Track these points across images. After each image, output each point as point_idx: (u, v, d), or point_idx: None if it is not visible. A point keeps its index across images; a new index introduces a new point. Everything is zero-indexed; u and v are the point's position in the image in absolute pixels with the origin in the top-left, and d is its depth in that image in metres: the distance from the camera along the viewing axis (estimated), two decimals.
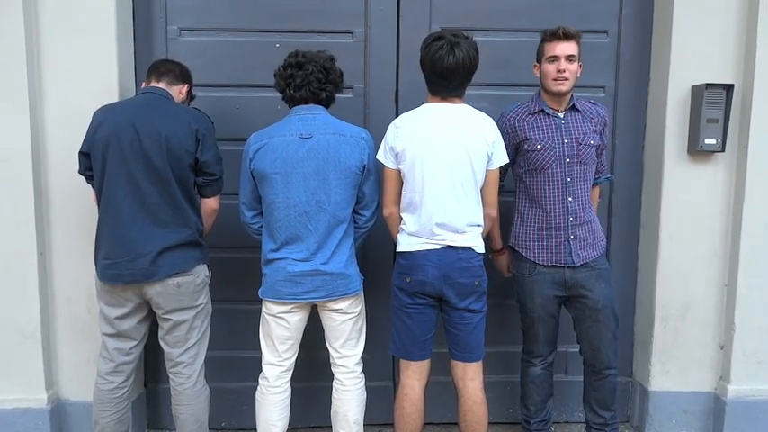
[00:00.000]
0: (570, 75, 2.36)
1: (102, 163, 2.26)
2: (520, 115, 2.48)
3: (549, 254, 2.48)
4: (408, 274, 2.32)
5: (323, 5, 2.86)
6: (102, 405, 2.40)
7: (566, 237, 2.45)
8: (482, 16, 2.89)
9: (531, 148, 2.43)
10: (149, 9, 2.83)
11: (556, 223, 2.45)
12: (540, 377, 2.65)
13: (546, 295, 2.51)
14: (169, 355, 2.42)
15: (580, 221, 2.46)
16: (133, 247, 2.25)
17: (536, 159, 2.43)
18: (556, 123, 2.43)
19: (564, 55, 2.35)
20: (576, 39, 2.37)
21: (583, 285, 2.48)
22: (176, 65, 2.48)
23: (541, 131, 2.43)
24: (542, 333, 2.57)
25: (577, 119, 2.46)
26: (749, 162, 2.77)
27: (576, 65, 2.38)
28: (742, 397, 2.87)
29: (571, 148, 2.42)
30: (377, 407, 2.94)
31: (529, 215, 2.51)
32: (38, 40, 2.63)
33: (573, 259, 2.46)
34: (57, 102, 2.67)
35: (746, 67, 2.78)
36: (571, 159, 2.42)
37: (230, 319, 2.93)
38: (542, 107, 2.45)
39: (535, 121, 2.45)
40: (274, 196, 2.28)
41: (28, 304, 2.68)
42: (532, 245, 2.50)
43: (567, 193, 2.43)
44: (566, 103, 2.45)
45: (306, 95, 2.30)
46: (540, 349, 2.61)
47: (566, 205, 2.44)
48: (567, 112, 2.46)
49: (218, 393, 2.71)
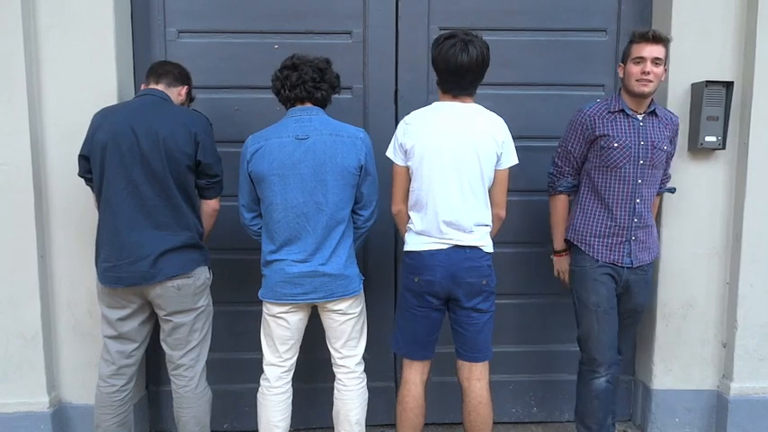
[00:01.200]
0: (654, 77, 2.34)
1: (102, 165, 2.26)
2: (600, 112, 2.45)
3: (609, 251, 2.46)
4: (416, 274, 2.31)
5: (321, 6, 2.86)
6: (103, 408, 2.40)
7: (627, 237, 2.45)
8: (480, 16, 2.89)
9: (607, 145, 2.41)
10: (148, 11, 2.83)
11: (620, 222, 2.44)
12: (606, 392, 2.51)
13: (609, 288, 2.47)
14: (170, 358, 2.42)
15: (643, 224, 2.45)
16: (133, 249, 2.25)
17: (610, 157, 2.41)
18: (634, 125, 2.41)
19: (651, 57, 2.32)
20: (665, 43, 2.35)
21: (632, 289, 2.50)
22: (175, 66, 2.48)
23: (619, 130, 2.41)
24: (608, 332, 2.47)
25: (655, 123, 2.44)
26: (750, 159, 2.77)
27: (661, 68, 2.36)
28: (745, 395, 2.87)
29: (646, 151, 2.40)
30: (379, 407, 2.94)
31: (593, 212, 2.49)
32: (36, 43, 2.63)
33: (631, 260, 2.45)
34: (56, 105, 2.67)
35: (746, 63, 2.77)
36: (644, 162, 2.40)
37: (232, 321, 2.93)
38: (623, 107, 2.43)
39: (614, 120, 2.42)
40: (272, 197, 2.28)
41: (29, 307, 2.68)
42: (593, 240, 2.48)
43: (636, 194, 2.42)
44: (645, 105, 2.43)
45: (301, 95, 2.30)
46: (605, 355, 2.47)
47: (633, 206, 2.43)
48: (645, 115, 2.44)
49: (220, 395, 2.71)
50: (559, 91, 2.95)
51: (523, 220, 2.99)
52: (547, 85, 2.95)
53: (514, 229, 2.97)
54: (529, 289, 3.05)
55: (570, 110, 2.91)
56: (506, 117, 2.53)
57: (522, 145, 2.72)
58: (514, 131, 2.60)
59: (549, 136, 2.95)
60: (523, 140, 2.85)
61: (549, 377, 3.11)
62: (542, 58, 2.93)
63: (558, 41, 2.93)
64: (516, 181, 2.90)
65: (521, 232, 3.00)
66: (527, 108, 2.93)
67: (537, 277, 3.03)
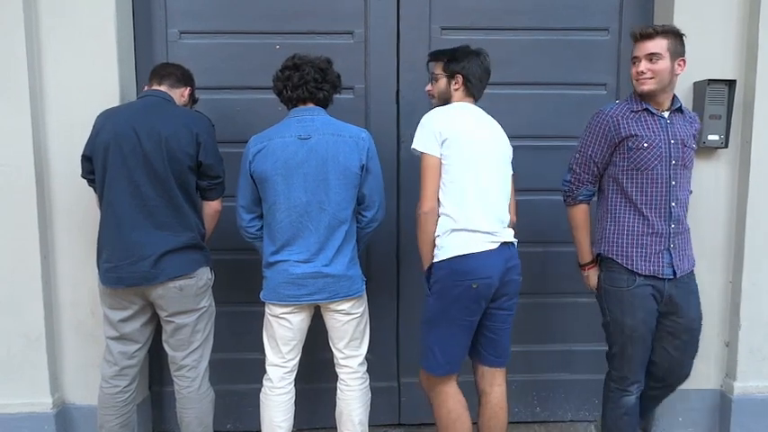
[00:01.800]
0: (654, 73, 2.20)
1: (104, 166, 2.27)
2: (623, 112, 2.29)
3: (649, 263, 2.26)
4: (473, 279, 2.14)
5: (322, 6, 2.86)
6: (106, 409, 2.40)
7: (665, 245, 2.26)
8: (481, 15, 2.89)
9: (635, 145, 2.24)
10: (149, 13, 2.83)
11: (658, 229, 2.25)
12: (634, 407, 2.39)
13: (649, 309, 2.28)
14: (173, 359, 2.42)
15: (681, 229, 2.28)
16: (134, 250, 2.25)
17: (640, 159, 2.24)
18: (661, 123, 2.26)
19: (644, 54, 2.21)
20: (662, 35, 2.20)
21: (678, 302, 2.29)
22: (177, 68, 2.49)
23: (648, 129, 2.25)
24: (641, 354, 2.32)
25: (681, 120, 2.31)
26: (752, 158, 2.76)
27: (662, 63, 2.19)
28: (748, 394, 2.86)
29: (677, 150, 2.25)
30: (382, 407, 2.94)
31: (626, 219, 2.30)
32: (38, 45, 2.64)
33: (673, 270, 2.26)
34: (58, 106, 2.67)
35: (748, 62, 2.77)
36: (676, 161, 2.25)
37: (234, 322, 2.93)
38: (646, 106, 2.27)
39: (640, 119, 2.27)
40: (275, 197, 2.28)
41: (32, 308, 2.68)
42: (631, 251, 2.28)
43: (671, 197, 2.25)
44: (668, 103, 2.29)
45: (303, 95, 2.30)
46: (636, 374, 2.35)
47: (668, 210, 2.25)
48: (671, 113, 2.29)
49: (222, 395, 2.71)
50: (561, 90, 2.94)
51: (525, 220, 2.98)
52: (548, 84, 2.95)
53: (518, 230, 2.96)
54: (531, 288, 3.04)
55: (572, 109, 2.93)
56: (507, 116, 2.54)
57: (523, 144, 2.73)
58: (516, 131, 2.62)
59: (551, 135, 2.95)
60: (524, 140, 2.85)
61: (551, 377, 3.11)
62: (544, 57, 2.93)
63: (560, 40, 2.93)
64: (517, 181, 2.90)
65: (522, 232, 2.99)
66: (528, 107, 2.93)
67: (539, 276, 3.03)
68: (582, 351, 3.08)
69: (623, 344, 2.32)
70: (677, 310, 2.30)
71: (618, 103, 2.38)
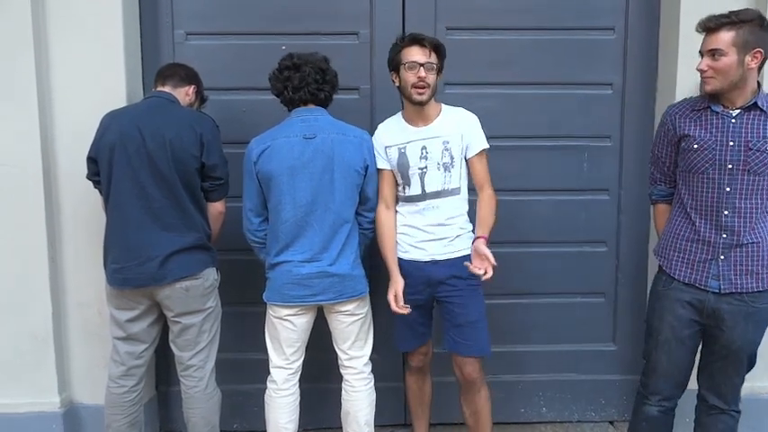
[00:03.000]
0: (716, 71, 1.99)
1: (109, 167, 2.28)
2: (682, 110, 2.16)
3: (690, 270, 2.12)
4: None
5: (328, 7, 2.86)
6: (113, 409, 2.42)
7: (714, 255, 2.08)
8: (487, 15, 2.88)
9: (687, 146, 2.11)
10: (156, 14, 2.84)
11: (704, 237, 2.09)
12: (656, 420, 2.26)
13: (680, 315, 2.14)
14: (180, 359, 2.43)
15: (738, 242, 2.06)
16: (141, 251, 2.26)
17: (691, 160, 2.10)
18: (724, 123, 2.05)
19: (705, 50, 2.02)
20: (727, 27, 1.97)
21: (722, 319, 2.09)
22: (181, 67, 2.50)
23: (703, 129, 2.08)
24: (665, 363, 2.19)
25: (755, 119, 2.03)
26: None
27: (726, 59, 1.96)
28: (756, 394, 2.84)
29: (736, 153, 2.03)
30: (388, 407, 2.94)
31: (676, 222, 2.19)
32: (46, 48, 2.65)
33: (720, 284, 2.08)
34: (65, 108, 2.69)
35: None
36: (734, 166, 2.03)
37: (240, 322, 2.94)
38: (709, 104, 2.08)
39: (699, 118, 2.10)
40: (280, 196, 2.28)
41: (40, 309, 2.70)
42: (672, 254, 2.17)
43: (724, 204, 2.05)
44: (742, 99, 2.03)
45: (305, 96, 2.31)
46: (657, 385, 2.22)
47: (719, 218, 2.06)
48: (742, 111, 2.04)
49: (229, 396, 2.72)
50: (567, 90, 2.93)
51: (531, 221, 2.98)
52: (555, 84, 2.93)
53: (523, 229, 2.96)
54: (536, 288, 3.04)
55: (578, 109, 2.93)
56: (513, 116, 2.54)
57: (528, 144, 2.73)
58: (521, 130, 2.61)
59: (557, 135, 2.94)
60: (531, 140, 2.84)
61: (558, 377, 3.10)
62: (550, 56, 2.92)
63: (566, 40, 2.91)
64: (520, 181, 2.90)
65: (529, 232, 2.99)
66: (534, 107, 2.92)
67: (545, 277, 3.02)
68: (589, 351, 3.07)
69: (650, 347, 2.25)
70: (721, 327, 2.11)
71: (687, 98, 2.24)
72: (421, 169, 2.36)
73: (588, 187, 2.98)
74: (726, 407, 2.21)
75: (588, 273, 3.01)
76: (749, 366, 2.20)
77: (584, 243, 3.02)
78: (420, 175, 2.36)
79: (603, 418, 3.10)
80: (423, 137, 2.36)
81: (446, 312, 2.44)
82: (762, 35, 1.97)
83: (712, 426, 2.25)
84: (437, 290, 2.41)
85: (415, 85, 2.28)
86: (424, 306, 2.48)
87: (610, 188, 2.97)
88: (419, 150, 2.35)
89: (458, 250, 2.38)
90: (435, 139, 2.35)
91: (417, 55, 2.28)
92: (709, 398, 2.23)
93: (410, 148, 2.36)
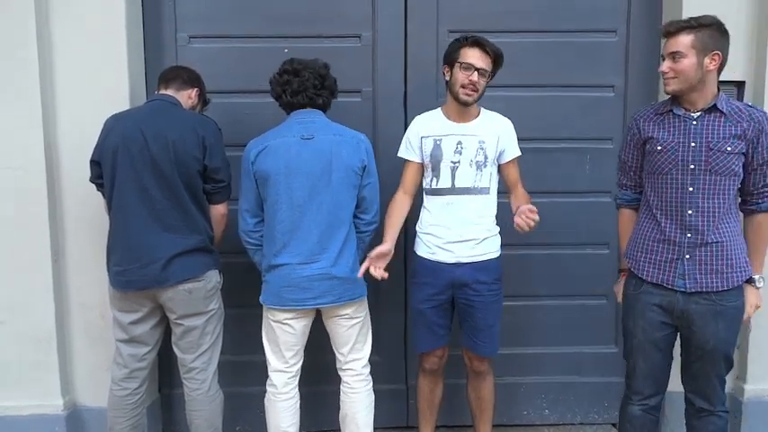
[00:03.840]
0: (676, 73, 2.06)
1: (112, 170, 2.29)
2: (646, 114, 2.23)
3: (657, 270, 2.16)
4: None
5: (330, 10, 2.87)
6: (116, 411, 2.42)
7: (679, 255, 2.12)
8: (490, 18, 2.88)
9: (651, 149, 2.17)
10: (159, 17, 2.85)
11: (669, 237, 2.13)
12: (639, 420, 2.28)
13: (650, 319, 2.18)
14: (182, 361, 2.44)
15: (702, 241, 2.10)
16: (144, 253, 2.27)
17: (655, 162, 2.15)
18: (686, 125, 2.11)
19: (667, 53, 2.09)
20: (686, 30, 2.04)
21: (692, 320, 2.13)
22: (184, 70, 2.50)
23: (666, 132, 2.14)
24: (642, 365, 2.23)
25: (716, 121, 2.09)
26: None
27: (686, 60, 2.03)
28: (759, 396, 2.84)
29: (698, 154, 2.08)
30: (390, 410, 2.94)
31: (643, 224, 2.23)
32: (50, 51, 2.66)
33: (685, 283, 2.11)
34: (69, 111, 2.69)
35: (758, 64, 2.75)
36: (697, 166, 2.08)
37: (242, 324, 2.94)
38: (671, 107, 2.15)
39: (662, 121, 2.17)
40: (277, 196, 2.28)
41: (43, 311, 2.70)
42: (639, 255, 2.21)
43: (688, 204, 2.10)
44: (703, 101, 2.10)
45: (303, 101, 2.32)
46: (638, 385, 2.26)
47: (683, 218, 2.11)
48: (703, 113, 2.10)
49: (231, 398, 2.72)
50: (569, 92, 2.94)
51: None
52: (557, 86, 2.94)
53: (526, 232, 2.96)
54: (539, 291, 3.04)
55: (580, 111, 2.93)
56: (516, 118, 2.54)
57: (531, 146, 2.73)
58: (524, 133, 2.61)
59: (559, 137, 2.94)
60: (533, 142, 2.84)
61: (561, 379, 3.10)
62: (552, 59, 2.92)
63: (568, 42, 2.92)
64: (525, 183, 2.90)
65: (532, 234, 2.98)
66: (537, 110, 2.92)
67: (548, 279, 3.02)
68: (592, 353, 3.07)
69: (627, 350, 2.30)
70: (693, 326, 2.14)
71: (653, 104, 2.31)
72: (453, 163, 2.40)
73: (590, 189, 2.99)
74: (713, 408, 2.22)
75: (590, 275, 3.01)
76: (728, 368, 2.21)
77: (587, 245, 3.02)
78: (452, 169, 2.40)
79: (606, 421, 3.10)
80: (460, 132, 2.41)
81: (466, 315, 2.48)
82: (720, 39, 2.07)
83: (702, 428, 2.27)
84: (459, 292, 2.45)
85: (465, 86, 2.33)
86: (446, 307, 2.51)
87: (612, 190, 2.96)
88: (454, 145, 2.40)
89: (484, 253, 2.43)
90: (472, 137, 2.40)
91: (475, 58, 2.33)
92: (695, 401, 2.25)
93: (446, 140, 2.41)
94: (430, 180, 2.46)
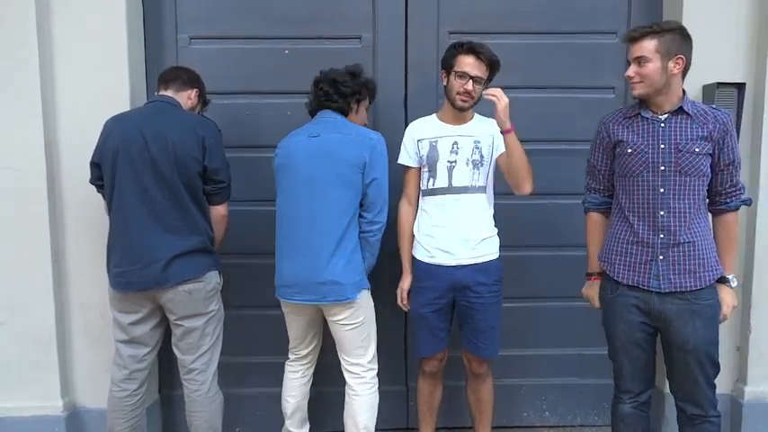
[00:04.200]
0: (642, 77, 2.10)
1: (113, 171, 2.29)
2: (615, 118, 2.26)
3: (632, 272, 2.18)
4: None
5: (331, 11, 2.87)
6: (116, 412, 2.42)
7: (653, 256, 2.15)
8: (490, 19, 2.89)
9: (622, 151, 2.20)
10: (160, 18, 2.86)
11: (642, 238, 2.16)
12: (631, 417, 2.31)
13: (629, 321, 2.21)
14: (182, 362, 2.44)
15: (674, 241, 2.13)
16: (144, 254, 2.27)
17: (626, 164, 2.18)
18: (654, 127, 2.15)
19: (632, 58, 2.13)
20: (650, 36, 2.08)
21: (670, 320, 2.14)
22: (183, 71, 2.50)
23: (635, 134, 2.17)
24: (627, 365, 2.26)
25: (683, 123, 2.13)
26: (762, 161, 2.74)
27: (651, 65, 2.07)
28: (759, 398, 2.84)
29: (668, 155, 2.12)
30: (390, 412, 2.93)
31: (616, 227, 2.25)
32: (50, 51, 2.66)
33: (660, 283, 2.14)
34: (69, 111, 2.70)
35: (758, 65, 2.75)
36: (667, 168, 2.12)
37: (242, 325, 2.94)
38: (639, 110, 2.19)
39: (631, 125, 2.20)
40: (279, 192, 2.41)
41: (43, 312, 2.70)
42: (614, 258, 2.23)
43: (659, 205, 2.13)
44: (669, 104, 2.14)
45: (315, 107, 2.48)
46: (627, 384, 2.29)
47: (656, 219, 2.14)
48: (670, 115, 2.15)
49: (231, 399, 2.72)
50: (569, 94, 2.94)
51: (534, 224, 2.98)
52: (557, 87, 2.95)
53: (526, 233, 2.97)
54: (540, 292, 3.04)
55: (580, 113, 2.93)
56: (516, 120, 2.53)
57: (531, 148, 2.71)
58: (524, 134, 2.60)
59: (559, 139, 2.95)
60: (533, 143, 2.83)
61: (560, 381, 3.10)
62: (552, 60, 2.93)
63: (568, 44, 2.93)
64: None
65: (532, 236, 3.00)
66: (537, 111, 2.92)
67: (548, 281, 3.02)
68: (592, 355, 3.06)
69: (611, 350, 2.32)
70: (671, 328, 2.16)
71: (620, 108, 2.35)
72: (450, 163, 2.44)
73: None
74: (704, 413, 2.22)
75: None
76: (714, 370, 2.21)
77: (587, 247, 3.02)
78: (449, 169, 2.44)
79: (606, 423, 3.09)
80: (456, 133, 2.46)
81: (467, 317, 2.50)
82: (683, 43, 2.10)
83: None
84: (460, 294, 2.47)
85: (460, 94, 2.38)
86: (447, 311, 2.53)
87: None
88: (450, 145, 2.45)
89: (484, 254, 2.45)
90: (467, 137, 2.45)
91: (470, 66, 2.36)
92: (686, 408, 2.24)
93: (441, 141, 2.46)
94: (427, 181, 2.48)
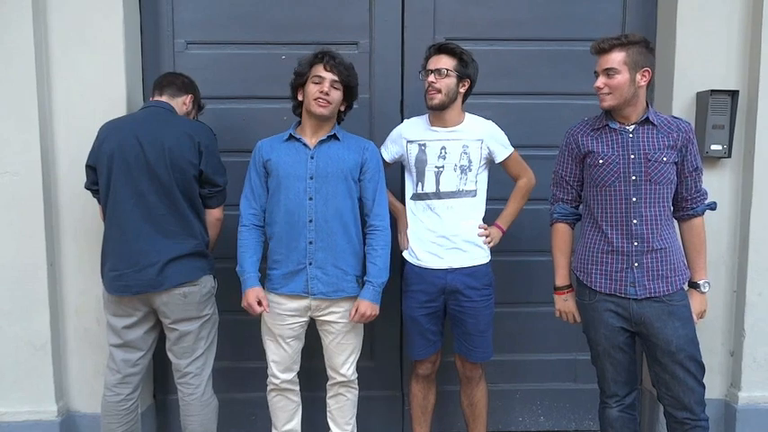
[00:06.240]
0: (611, 89, 2.14)
1: (108, 176, 2.29)
2: (583, 129, 2.29)
3: (609, 281, 2.22)
4: None
5: (328, 17, 2.89)
6: (110, 417, 2.42)
7: (628, 264, 2.19)
8: (486, 26, 2.91)
9: (592, 162, 2.23)
10: (157, 23, 2.87)
11: (617, 247, 2.19)
12: (619, 421, 2.34)
13: (609, 326, 2.24)
14: (177, 366, 2.44)
15: (648, 248, 2.18)
16: (140, 257, 2.27)
17: (597, 175, 2.22)
18: (623, 138, 2.19)
19: (601, 69, 2.16)
20: (618, 48, 2.13)
21: (650, 323, 2.18)
22: (178, 77, 2.52)
23: (605, 145, 2.21)
24: (611, 369, 2.30)
25: (649, 133, 2.19)
26: (756, 167, 2.76)
27: (620, 77, 2.11)
28: (753, 403, 2.84)
29: (638, 165, 2.16)
30: (386, 417, 2.93)
31: (590, 236, 2.28)
32: (47, 57, 2.67)
33: (636, 291, 2.18)
34: (66, 116, 2.70)
35: (751, 72, 2.77)
36: (638, 177, 2.17)
37: (238, 330, 2.94)
38: (607, 122, 2.22)
39: (600, 136, 2.23)
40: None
41: (38, 316, 2.70)
42: (590, 267, 2.26)
43: (632, 214, 2.18)
44: (636, 115, 2.19)
45: None
46: (612, 388, 2.32)
47: (629, 228, 2.18)
48: (637, 126, 2.20)
49: (225, 403, 2.71)
50: (565, 100, 2.96)
51: (529, 230, 2.99)
52: (552, 94, 2.96)
53: (521, 238, 2.97)
54: (534, 297, 3.05)
55: (575, 119, 2.91)
56: (514, 127, 2.56)
57: (527, 154, 2.74)
58: (520, 140, 2.63)
59: (553, 145, 2.93)
60: (528, 149, 2.85)
61: (556, 386, 3.10)
62: (547, 67, 2.94)
63: (563, 51, 2.94)
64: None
65: (527, 241, 3.00)
66: (532, 117, 2.94)
67: (542, 286, 3.01)
68: (587, 360, 3.00)
69: (594, 356, 2.35)
70: (652, 330, 2.19)
71: (585, 119, 2.36)
72: (438, 168, 2.44)
73: None
74: (694, 417, 2.22)
75: None
76: (700, 370, 2.22)
77: None
78: (436, 174, 2.44)
79: None
80: (444, 138, 2.45)
81: (458, 321, 2.50)
82: (648, 56, 2.16)
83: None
84: (451, 299, 2.47)
85: (427, 90, 2.40)
86: (439, 314, 2.53)
87: None
88: (438, 150, 2.44)
89: (473, 259, 2.46)
90: (456, 141, 2.44)
91: (433, 61, 2.41)
92: (675, 414, 2.25)
93: (430, 146, 2.46)
94: (415, 185, 2.49)
